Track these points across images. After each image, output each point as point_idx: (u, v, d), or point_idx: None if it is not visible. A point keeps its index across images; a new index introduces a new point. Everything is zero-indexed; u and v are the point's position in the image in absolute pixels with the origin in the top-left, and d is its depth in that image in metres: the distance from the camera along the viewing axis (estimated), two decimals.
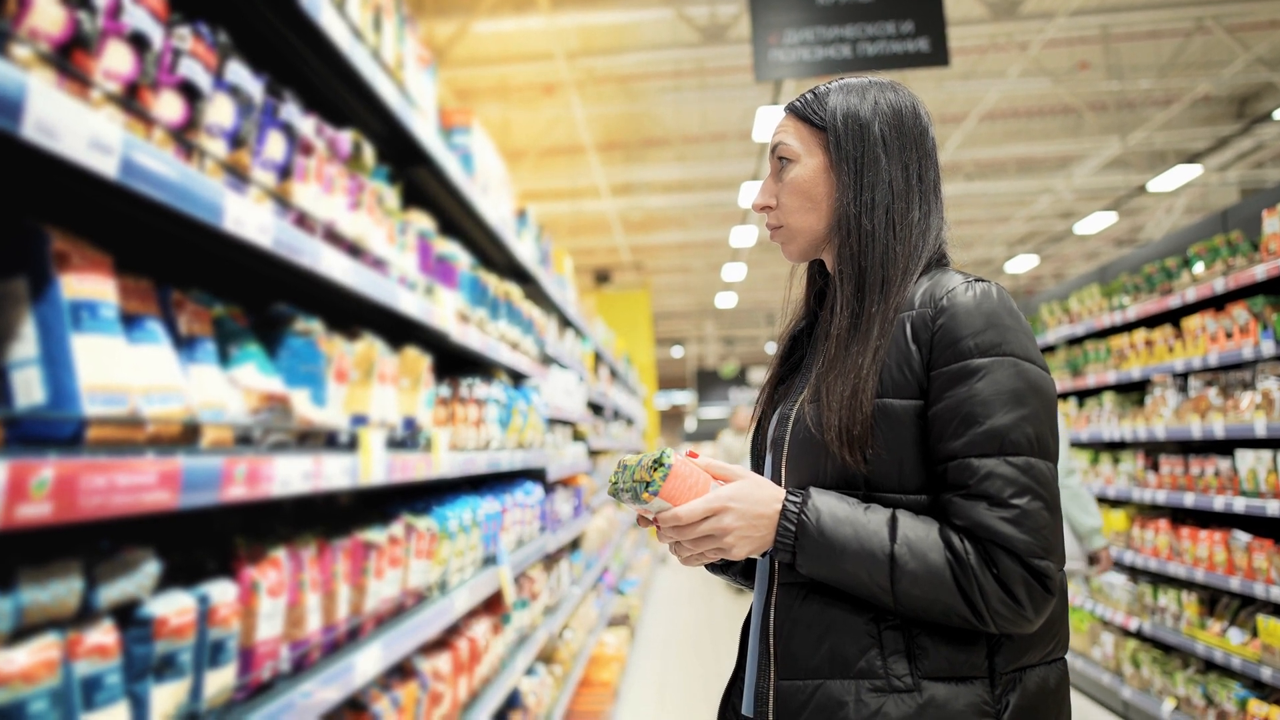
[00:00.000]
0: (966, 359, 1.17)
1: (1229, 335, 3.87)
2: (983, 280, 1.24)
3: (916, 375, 1.20)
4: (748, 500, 1.21)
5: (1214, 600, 4.28)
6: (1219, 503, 3.92)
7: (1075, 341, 5.93)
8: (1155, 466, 4.66)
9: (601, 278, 16.76)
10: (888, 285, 1.26)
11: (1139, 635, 4.98)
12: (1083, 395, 6.00)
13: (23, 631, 0.89)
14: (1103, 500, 5.60)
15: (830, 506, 1.19)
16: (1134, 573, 5.12)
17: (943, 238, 1.35)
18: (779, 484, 1.32)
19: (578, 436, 5.50)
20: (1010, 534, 1.12)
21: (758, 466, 1.42)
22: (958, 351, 1.18)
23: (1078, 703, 5.42)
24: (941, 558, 1.14)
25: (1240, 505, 3.75)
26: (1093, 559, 4.08)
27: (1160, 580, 4.79)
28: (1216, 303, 4.21)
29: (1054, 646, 1.23)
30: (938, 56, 5.59)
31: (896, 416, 1.20)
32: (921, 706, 1.13)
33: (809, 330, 1.46)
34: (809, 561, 1.20)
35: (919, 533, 1.16)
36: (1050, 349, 6.36)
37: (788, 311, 1.50)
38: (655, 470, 1.20)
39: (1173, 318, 4.70)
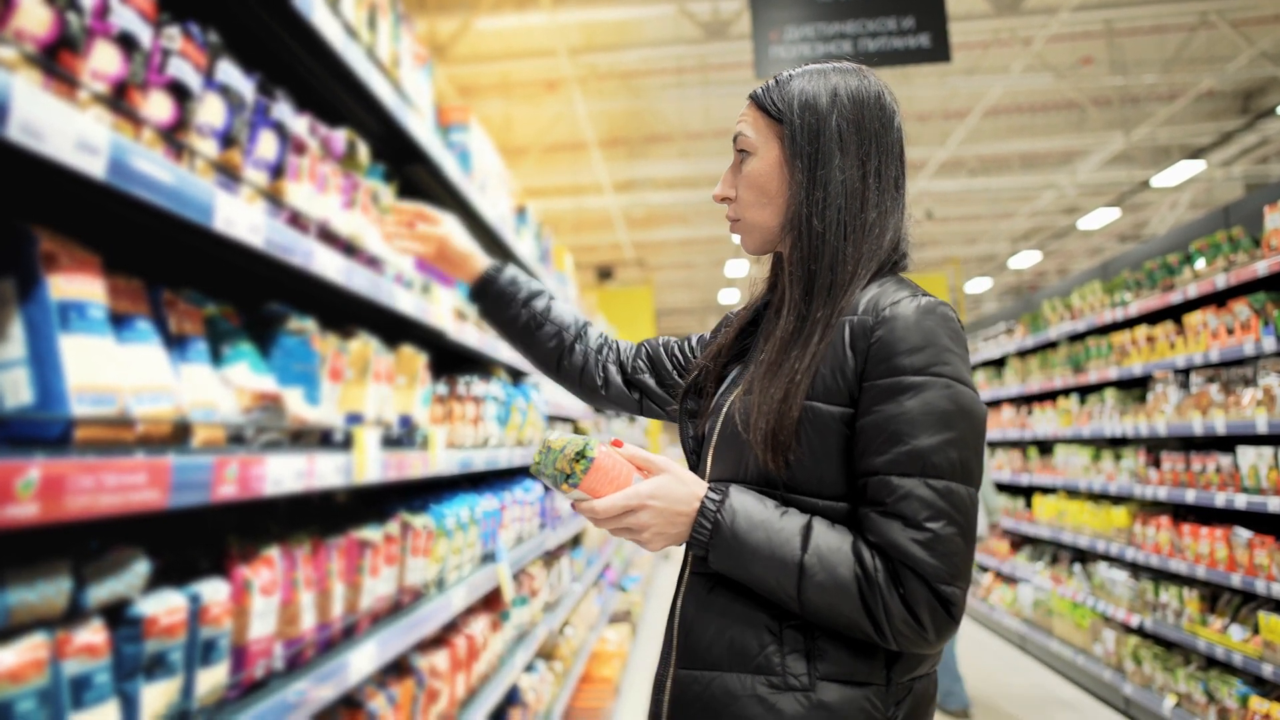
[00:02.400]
0: (899, 375, 1.15)
1: (1230, 331, 3.86)
2: (929, 296, 1.21)
3: (849, 383, 1.18)
4: (666, 498, 1.21)
5: (1215, 597, 4.28)
6: (1220, 499, 3.92)
7: (1077, 338, 5.92)
8: (1157, 463, 4.66)
9: (604, 274, 16.74)
10: (835, 290, 1.24)
11: (1140, 632, 4.98)
12: (1084, 391, 5.99)
13: (10, 631, 0.89)
14: (1104, 496, 5.59)
15: (747, 509, 1.18)
16: (1135, 569, 5.11)
17: (901, 236, 1.30)
18: (706, 473, 1.31)
19: (578, 433, 5.50)
20: (920, 557, 1.10)
21: (699, 443, 1.38)
22: (891, 366, 1.15)
23: (1080, 699, 5.42)
24: (850, 572, 1.13)
25: (1241, 502, 3.75)
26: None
27: (1162, 577, 4.78)
28: (1218, 299, 4.19)
29: (938, 656, 1.24)
30: (939, 52, 5.58)
31: (823, 421, 1.18)
32: (814, 707, 1.13)
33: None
34: (720, 560, 1.19)
35: (831, 544, 1.15)
36: (1052, 345, 6.34)
37: (750, 290, 1.47)
38: (577, 462, 1.19)
39: (1174, 314, 4.69)
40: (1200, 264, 4.21)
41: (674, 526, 1.21)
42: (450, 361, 2.94)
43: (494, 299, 1.67)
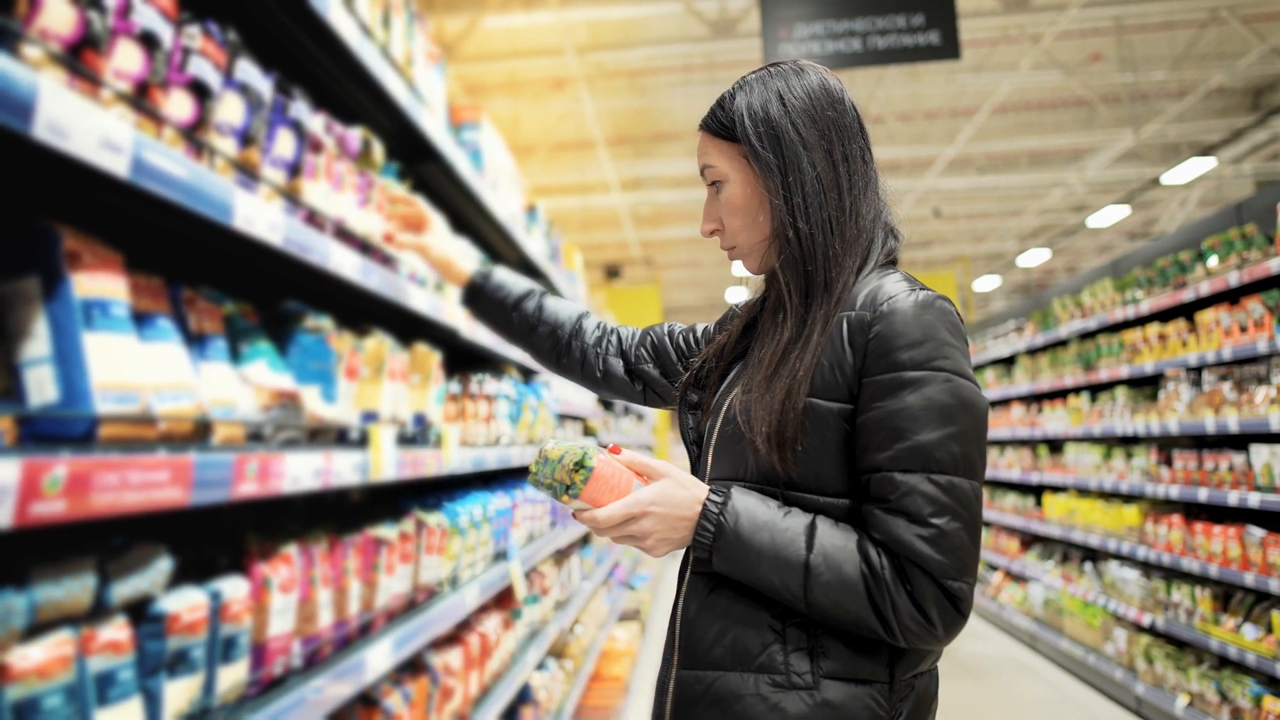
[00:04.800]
0: (899, 370, 1.14)
1: (1243, 329, 3.84)
2: (927, 290, 1.20)
3: (847, 379, 1.18)
4: (668, 503, 1.20)
5: (1228, 596, 4.26)
6: (1233, 498, 3.90)
7: (1088, 335, 5.90)
8: (1169, 461, 4.64)
9: (612, 273, 16.74)
10: (831, 286, 1.24)
11: (1152, 631, 4.96)
12: (1095, 390, 5.97)
13: (37, 628, 0.90)
14: (1115, 495, 5.57)
15: (750, 510, 1.18)
16: (1147, 568, 5.09)
17: (881, 209, 1.30)
18: (704, 472, 1.31)
19: (588, 432, 5.50)
20: (927, 553, 1.10)
21: (700, 440, 1.38)
22: (891, 362, 1.15)
23: (1091, 698, 5.41)
24: (856, 570, 1.13)
25: (1254, 500, 3.73)
26: None
27: (1174, 575, 4.76)
28: (1230, 296, 4.17)
29: (939, 653, 1.23)
30: (949, 50, 5.56)
31: (822, 417, 1.18)
32: (818, 705, 1.13)
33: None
34: (725, 563, 1.19)
35: (836, 543, 1.14)
36: (1063, 343, 6.32)
37: (749, 285, 1.47)
38: (576, 473, 1.18)
39: (1186, 311, 4.67)
40: (1213, 261, 4.19)
41: (677, 532, 1.21)
42: (463, 360, 2.94)
43: (484, 305, 1.72)
